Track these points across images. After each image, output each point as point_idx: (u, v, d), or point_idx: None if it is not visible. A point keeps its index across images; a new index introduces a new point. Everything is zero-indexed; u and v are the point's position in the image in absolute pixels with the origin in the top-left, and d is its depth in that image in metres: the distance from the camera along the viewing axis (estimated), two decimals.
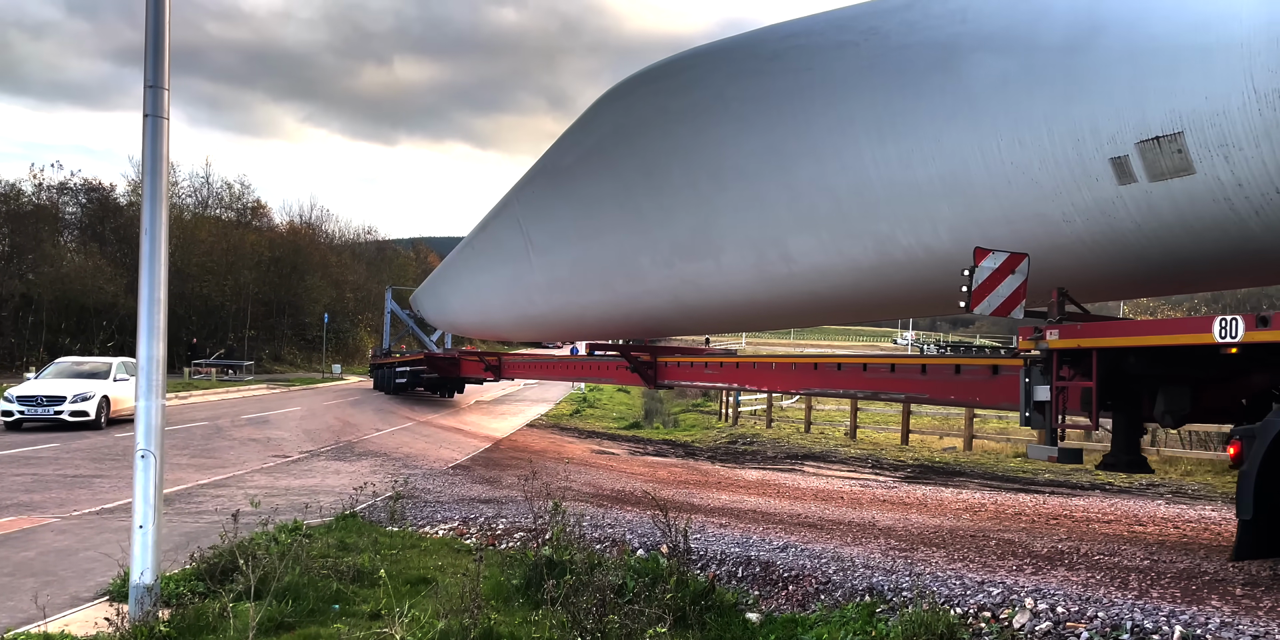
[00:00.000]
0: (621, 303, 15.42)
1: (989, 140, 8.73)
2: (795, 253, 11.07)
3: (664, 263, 13.41)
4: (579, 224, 15.37)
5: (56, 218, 53.22)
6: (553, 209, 16.26)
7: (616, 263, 14.56)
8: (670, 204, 12.89)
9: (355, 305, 69.79)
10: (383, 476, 15.20)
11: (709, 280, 12.80)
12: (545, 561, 7.86)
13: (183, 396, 33.66)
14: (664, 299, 14.22)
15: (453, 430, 25.80)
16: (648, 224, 13.44)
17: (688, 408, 36.51)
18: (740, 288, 12.41)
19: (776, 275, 11.51)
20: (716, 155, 11.89)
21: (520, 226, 17.26)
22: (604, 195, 14.44)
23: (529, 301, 18.35)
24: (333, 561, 8.46)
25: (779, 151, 10.82)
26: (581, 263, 15.66)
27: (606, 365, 19.38)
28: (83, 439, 19.89)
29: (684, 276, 13.18)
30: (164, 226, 7.04)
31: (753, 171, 11.29)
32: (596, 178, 14.62)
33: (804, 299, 11.92)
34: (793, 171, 10.69)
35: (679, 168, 12.61)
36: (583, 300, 16.44)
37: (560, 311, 17.81)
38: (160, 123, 7.07)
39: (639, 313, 15.63)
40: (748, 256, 11.83)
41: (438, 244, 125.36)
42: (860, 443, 23.30)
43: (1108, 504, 12.92)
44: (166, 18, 7.07)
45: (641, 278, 14.13)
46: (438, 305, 26.77)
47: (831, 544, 9.12)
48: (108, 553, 8.78)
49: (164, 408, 7.03)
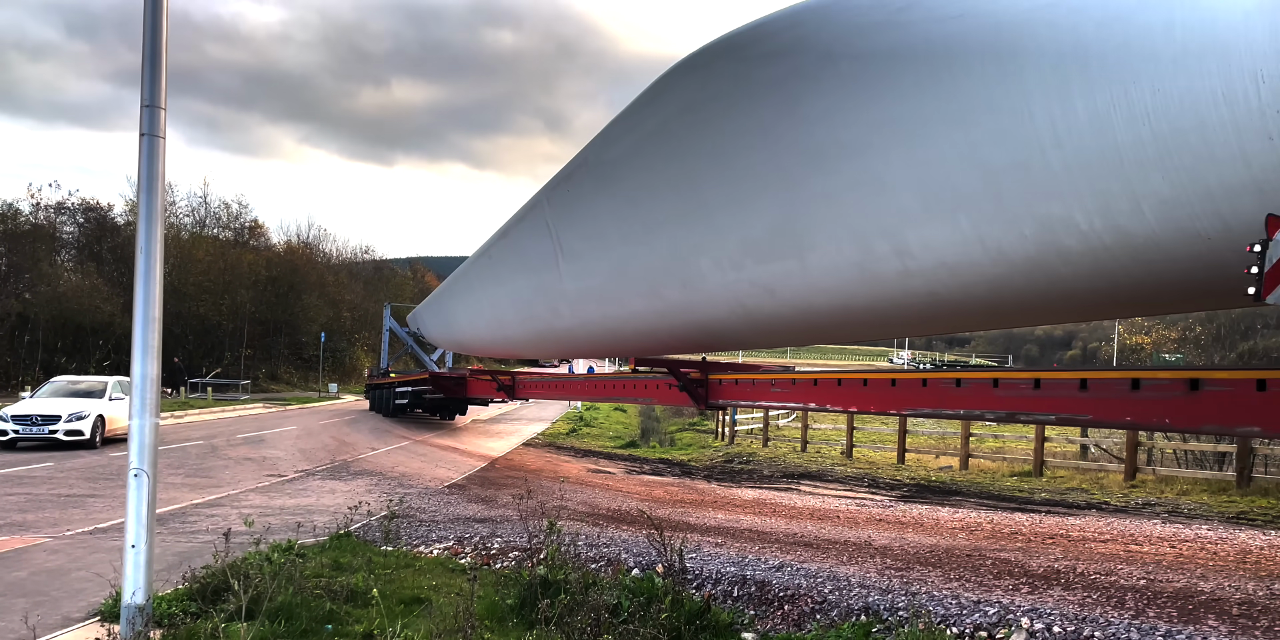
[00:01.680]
0: (670, 313, 13.41)
1: (1238, 84, 6.43)
2: (915, 246, 8.96)
3: (731, 265, 11.41)
4: (624, 224, 13.43)
5: (54, 237, 53.35)
6: (592, 207, 14.31)
7: (669, 267, 12.59)
8: (746, 194, 10.87)
9: (352, 324, 69.83)
10: (378, 496, 15.14)
11: (789, 284, 10.77)
12: (540, 581, 7.82)
13: (178, 416, 33.59)
14: (726, 308, 12.19)
15: (449, 449, 25.73)
16: (713, 219, 11.50)
17: (684, 426, 36.44)
18: (831, 291, 10.35)
19: (885, 275, 9.47)
20: (816, 131, 9.72)
21: (550, 230, 15.51)
22: (660, 188, 12.44)
23: (553, 314, 16.61)
24: (326, 581, 8.42)
25: (910, 120, 8.64)
26: (623, 268, 13.73)
27: (648, 384, 17.40)
28: (77, 458, 19.82)
29: (756, 280, 11.19)
30: (159, 245, 7.06)
31: (867, 148, 9.14)
32: (652, 168, 12.61)
33: (918, 303, 9.77)
34: (928, 143, 8.48)
35: (762, 149, 10.50)
36: (621, 311, 14.53)
37: (591, 325, 15.99)
38: (156, 142, 7.09)
39: (693, 325, 13.56)
40: (846, 253, 9.71)
41: (435, 263, 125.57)
42: (857, 462, 23.26)
43: (1104, 523, 12.89)
44: (164, 38, 7.11)
45: (699, 283, 12.16)
46: (442, 322, 25.89)
47: (828, 563, 9.09)
48: (100, 573, 8.73)
49: (158, 426, 7.02)
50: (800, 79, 9.90)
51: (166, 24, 7.14)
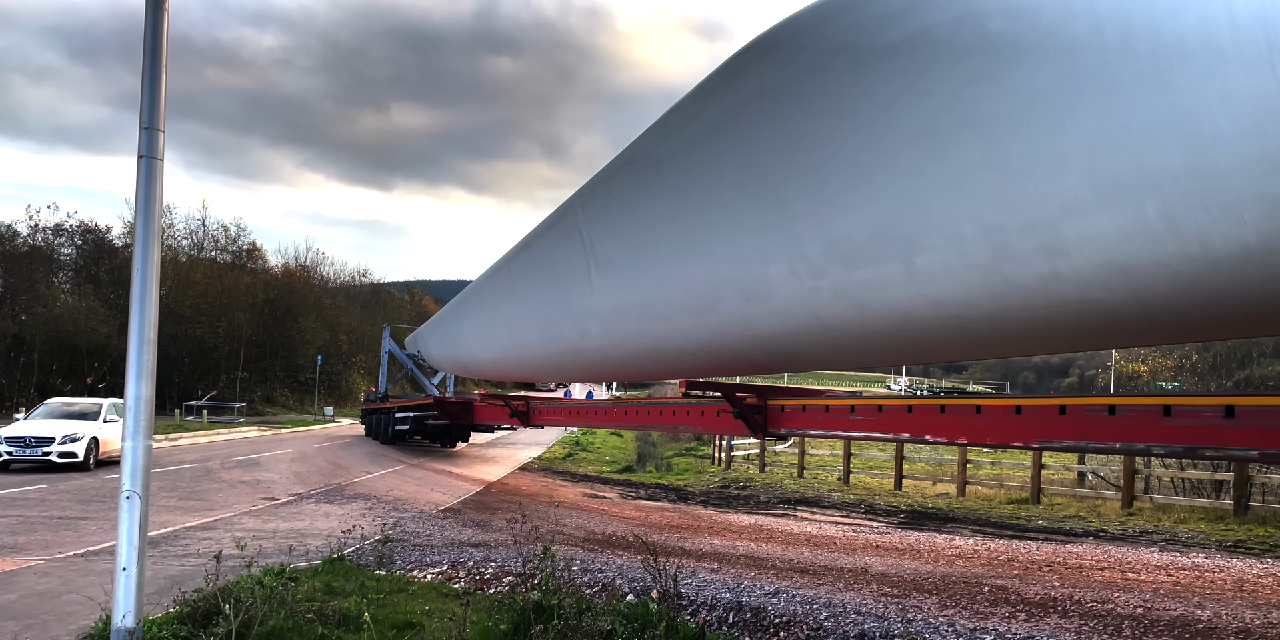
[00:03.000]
0: (726, 330, 11.42)
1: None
2: (1073, 243, 7.12)
3: (810, 272, 9.36)
4: (674, 229, 11.58)
5: (51, 259, 53.44)
6: (637, 211, 12.46)
7: (728, 276, 10.66)
8: (837, 187, 8.83)
9: (349, 347, 69.83)
10: (372, 519, 15.07)
11: (885, 293, 8.74)
12: (534, 606, 7.77)
13: (173, 438, 33.47)
14: (798, 322, 10.15)
15: (444, 473, 25.63)
16: (791, 220, 9.49)
17: (680, 451, 36.35)
18: (942, 301, 8.38)
19: (1024, 280, 7.60)
20: (946, 105, 7.79)
21: (582, 239, 13.72)
22: (722, 185, 10.45)
23: (580, 333, 14.72)
24: (318, 605, 8.36)
25: (1087, 84, 6.73)
26: (670, 280, 11.84)
27: (690, 410, 15.39)
28: (70, 480, 19.73)
29: (841, 290, 9.14)
30: (155, 266, 7.05)
31: (1018, 121, 7.24)
32: (714, 162, 10.65)
33: (1068, 314, 7.83)
34: (1112, 112, 6.60)
35: (866, 130, 8.51)
36: (663, 329, 12.57)
37: (625, 345, 14.00)
38: (155, 164, 7.11)
39: (752, 343, 11.47)
40: (972, 255, 7.78)
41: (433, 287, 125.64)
42: (853, 488, 23.18)
43: (1101, 551, 12.84)
44: (164, 60, 7.14)
45: (766, 295, 10.20)
46: (448, 342, 24.83)
47: (824, 590, 9.04)
48: (91, 595, 8.67)
49: (151, 448, 6.98)
50: (928, 45, 8.03)
51: (167, 46, 7.17)
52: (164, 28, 7.17)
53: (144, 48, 7.11)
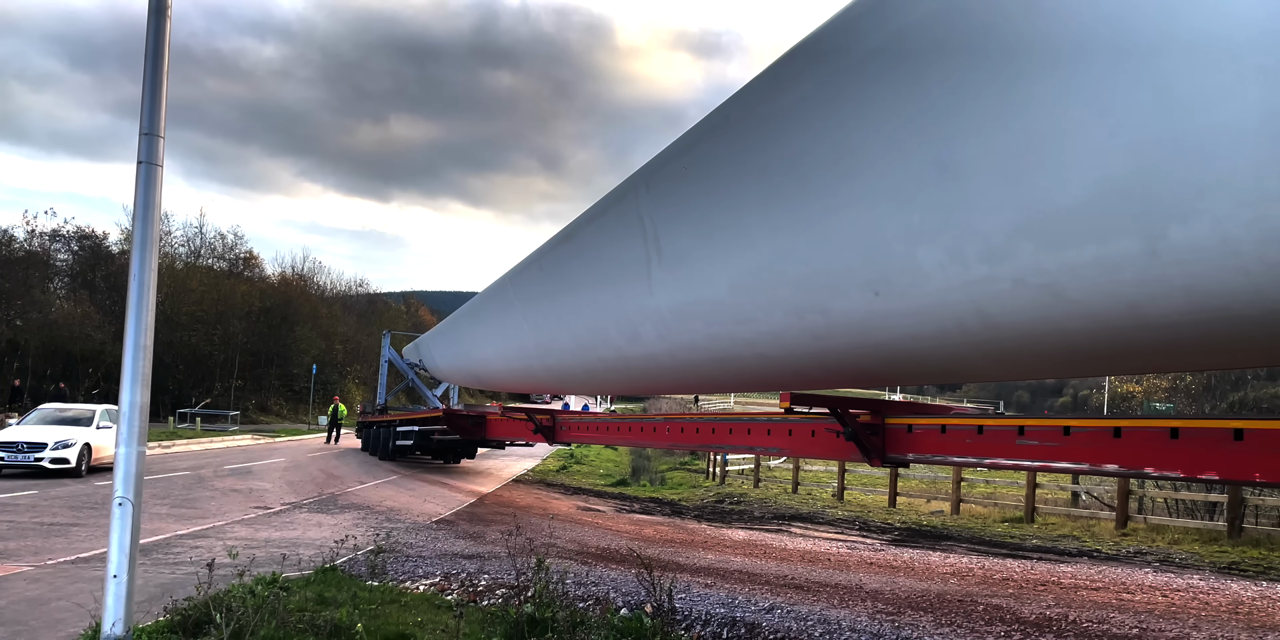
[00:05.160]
0: (836, 333, 8.63)
1: None
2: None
3: (984, 254, 6.52)
4: (778, 209, 8.61)
5: (47, 264, 53.33)
6: (725, 189, 9.53)
7: (854, 265, 7.80)
8: (1047, 137, 5.86)
9: (344, 357, 69.71)
10: (365, 530, 15.00)
11: (1103, 279, 5.97)
12: (527, 619, 7.73)
13: (166, 445, 33.35)
14: (950, 320, 7.36)
15: (438, 484, 25.55)
16: (962, 184, 6.57)
17: (675, 465, 36.29)
18: (1197, 290, 5.52)
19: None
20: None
21: (643, 225, 11.15)
22: (856, 148, 7.45)
23: (629, 338, 12.26)
24: (310, 615, 8.30)
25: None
26: (763, 273, 9.10)
27: (774, 428, 12.95)
28: (62, 486, 19.64)
29: (1026, 278, 6.32)
30: (152, 273, 7.03)
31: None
32: (842, 119, 7.62)
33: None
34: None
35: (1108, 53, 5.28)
36: (744, 333, 9.86)
37: (687, 350, 11.33)
38: (154, 170, 7.10)
39: (876, 347, 8.47)
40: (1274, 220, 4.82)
41: (429, 298, 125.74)
42: (848, 504, 23.14)
43: (1095, 571, 12.80)
44: (164, 66, 7.13)
45: (908, 287, 7.39)
46: (458, 351, 23.32)
47: (818, 606, 9.00)
48: (80, 603, 8.60)
49: (144, 455, 6.95)
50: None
51: (168, 51, 7.17)
52: (165, 33, 7.17)
53: (145, 53, 7.11)
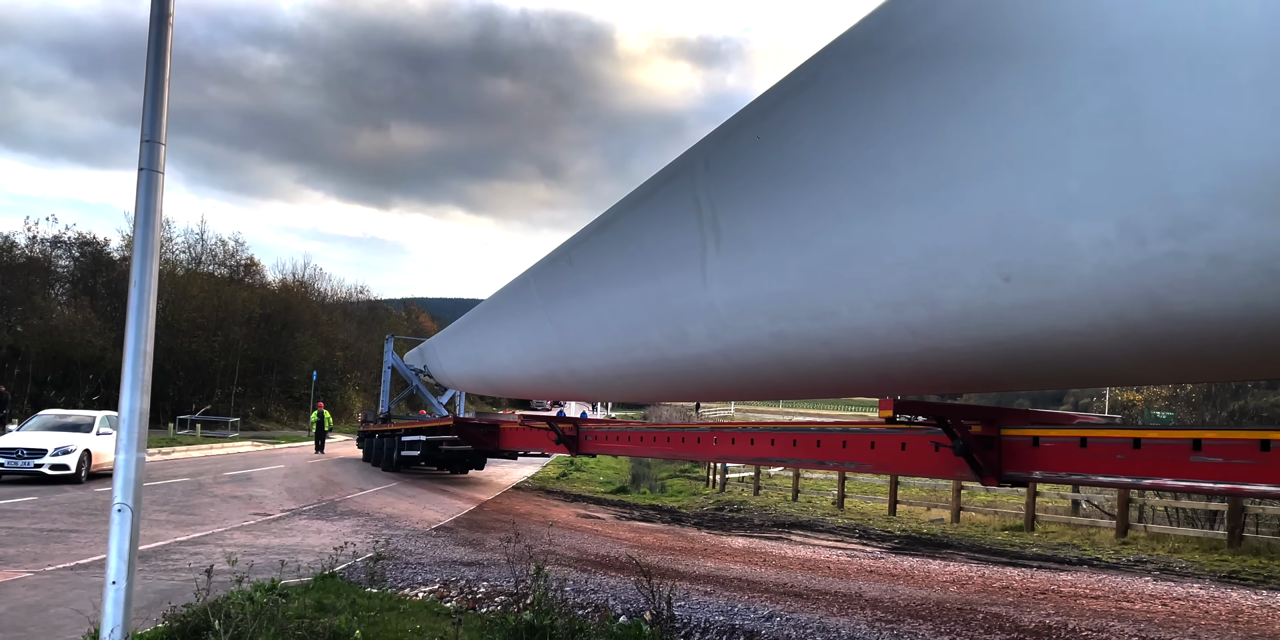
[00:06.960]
0: (940, 330, 6.96)
1: None
2: None
3: (1166, 228, 4.90)
4: (876, 178, 6.81)
5: (48, 270, 53.34)
6: (811, 159, 7.69)
7: (977, 245, 6.09)
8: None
9: (345, 364, 69.66)
10: (364, 536, 14.99)
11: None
12: (526, 626, 7.72)
13: (166, 452, 33.33)
14: (1103, 311, 5.66)
15: (437, 491, 25.54)
16: (1137, 138, 4.86)
17: (674, 473, 36.26)
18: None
19: None
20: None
21: (699, 207, 9.21)
22: (1007, 90, 5.56)
23: (674, 337, 10.57)
24: (309, 622, 8.29)
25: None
26: (848, 259, 7.33)
27: (869, 441, 11.60)
28: (61, 493, 19.63)
29: (1227, 252, 4.70)
30: (153, 279, 7.04)
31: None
32: (970, 65, 5.84)
33: None
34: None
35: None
36: (812, 329, 8.12)
37: (744, 351, 9.54)
38: (155, 176, 7.10)
39: (996, 345, 6.73)
40: None
41: (430, 305, 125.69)
42: (848, 512, 23.12)
43: (1095, 579, 12.79)
44: (166, 74, 7.15)
45: (1053, 270, 5.70)
46: (469, 354, 22.40)
47: (817, 614, 8.99)
48: (79, 609, 8.59)
49: (144, 461, 6.95)
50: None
51: (170, 58, 7.18)
52: (167, 41, 7.18)
53: (147, 60, 7.12)
